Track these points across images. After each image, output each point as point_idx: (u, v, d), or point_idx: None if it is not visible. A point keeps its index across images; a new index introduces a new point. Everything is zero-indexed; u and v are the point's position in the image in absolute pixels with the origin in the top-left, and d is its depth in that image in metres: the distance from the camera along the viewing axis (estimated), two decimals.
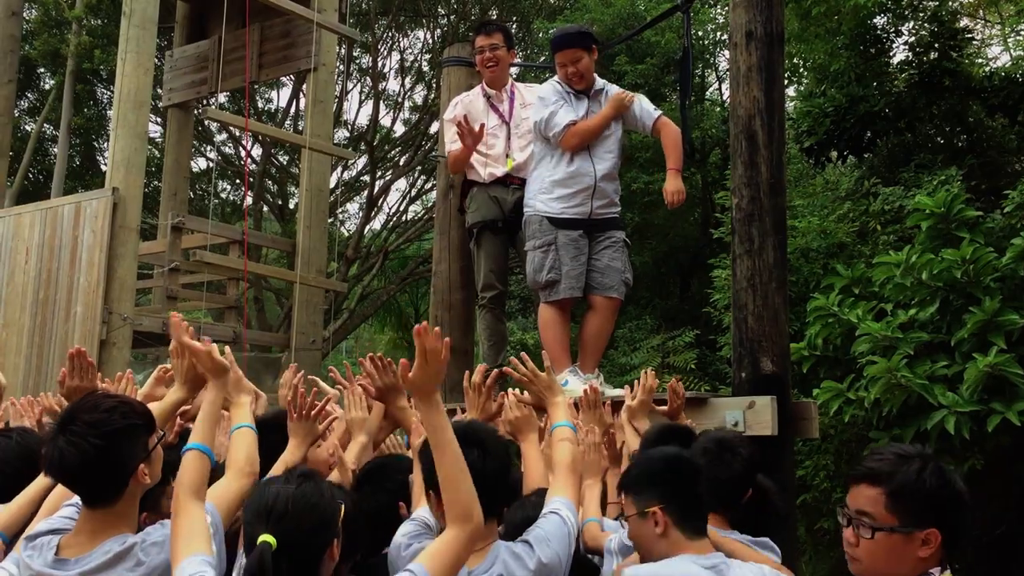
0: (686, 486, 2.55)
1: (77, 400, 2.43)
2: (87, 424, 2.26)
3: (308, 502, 2.13)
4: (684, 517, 2.51)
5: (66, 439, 2.25)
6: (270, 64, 10.49)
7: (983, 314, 5.82)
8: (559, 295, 4.97)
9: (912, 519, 2.09)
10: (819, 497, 7.23)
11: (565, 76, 5.06)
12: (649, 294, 11.69)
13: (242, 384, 2.84)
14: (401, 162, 18.26)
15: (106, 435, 2.26)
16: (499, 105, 5.60)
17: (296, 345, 9.24)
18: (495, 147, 5.54)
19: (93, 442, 2.24)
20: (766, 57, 4.58)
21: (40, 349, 8.28)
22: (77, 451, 2.23)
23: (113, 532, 2.29)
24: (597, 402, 3.45)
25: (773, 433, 4.12)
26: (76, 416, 2.29)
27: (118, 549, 2.24)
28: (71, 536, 2.32)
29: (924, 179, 7.70)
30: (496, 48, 5.51)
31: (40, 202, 9.72)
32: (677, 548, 2.48)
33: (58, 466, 2.28)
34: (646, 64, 11.31)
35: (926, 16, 9.18)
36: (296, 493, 2.13)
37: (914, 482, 2.11)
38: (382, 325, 21.92)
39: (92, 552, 2.25)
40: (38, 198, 13.04)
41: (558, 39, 5.13)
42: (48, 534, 2.34)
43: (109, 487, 2.29)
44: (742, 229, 4.52)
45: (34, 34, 14.56)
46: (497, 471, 2.50)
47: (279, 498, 2.12)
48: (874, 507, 2.13)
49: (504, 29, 5.68)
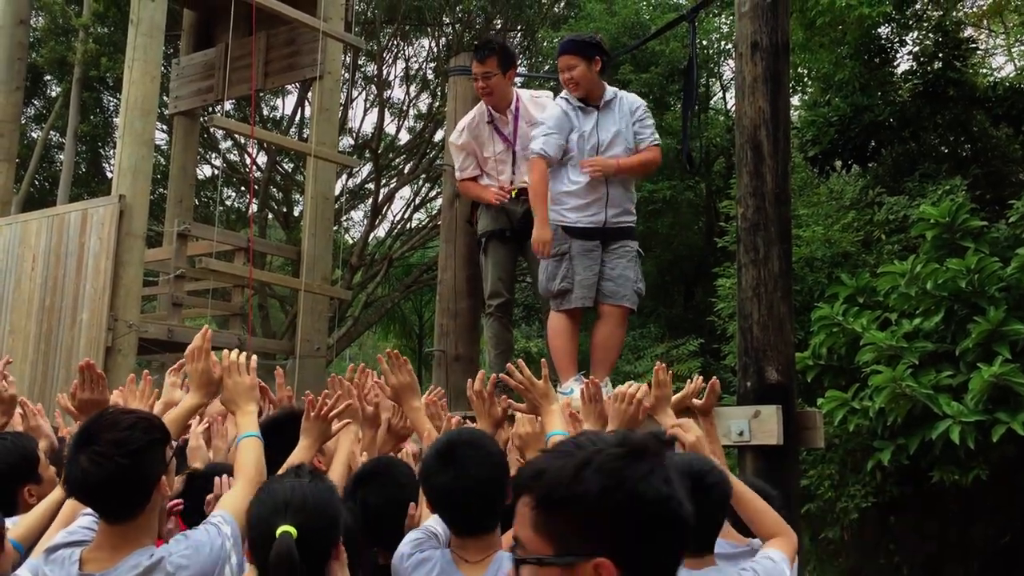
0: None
1: (94, 416, 2.39)
2: (111, 443, 2.23)
3: (323, 498, 2.17)
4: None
5: (88, 458, 2.22)
6: (276, 72, 10.54)
7: (988, 324, 5.84)
8: (571, 304, 4.98)
9: (568, 543, 1.34)
10: (823, 507, 7.23)
11: (562, 80, 5.08)
12: (653, 303, 11.70)
13: (252, 393, 2.85)
14: (405, 170, 18.30)
15: (130, 453, 2.24)
16: (504, 129, 5.59)
17: (300, 352, 9.26)
18: (503, 173, 5.58)
19: (119, 461, 2.22)
20: (772, 67, 4.60)
21: (46, 356, 8.29)
22: (102, 470, 2.21)
23: (136, 545, 2.27)
24: (598, 396, 3.33)
25: (778, 442, 4.12)
26: (97, 434, 2.26)
27: (147, 563, 2.22)
28: (92, 550, 2.28)
29: (928, 189, 7.72)
30: (489, 76, 5.43)
31: (47, 209, 9.75)
32: None
33: (81, 485, 2.25)
34: (651, 73, 11.35)
35: (930, 26, 9.20)
36: (310, 488, 2.16)
37: (567, 485, 1.35)
38: (386, 333, 21.96)
39: (117, 567, 2.23)
40: (44, 205, 13.09)
41: (560, 45, 5.16)
42: (68, 546, 2.31)
43: (132, 503, 2.27)
44: (747, 239, 4.53)
45: (41, 41, 14.61)
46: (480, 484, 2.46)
47: (295, 492, 2.14)
48: (522, 527, 1.40)
49: (499, 50, 5.52)
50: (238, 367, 2.84)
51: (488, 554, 2.46)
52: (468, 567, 2.44)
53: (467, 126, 5.65)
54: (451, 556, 2.48)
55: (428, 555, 2.47)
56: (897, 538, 7.50)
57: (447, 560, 2.46)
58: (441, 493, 2.49)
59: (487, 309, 5.74)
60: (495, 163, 5.59)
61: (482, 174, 5.68)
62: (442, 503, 2.51)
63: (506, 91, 5.54)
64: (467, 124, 5.66)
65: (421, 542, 2.53)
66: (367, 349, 29.15)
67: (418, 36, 17.73)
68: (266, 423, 2.95)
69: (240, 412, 2.80)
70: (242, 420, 2.78)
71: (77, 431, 2.37)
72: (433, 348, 6.23)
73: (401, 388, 3.38)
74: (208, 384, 2.87)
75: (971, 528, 7.07)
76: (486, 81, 5.45)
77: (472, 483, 2.45)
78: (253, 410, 2.82)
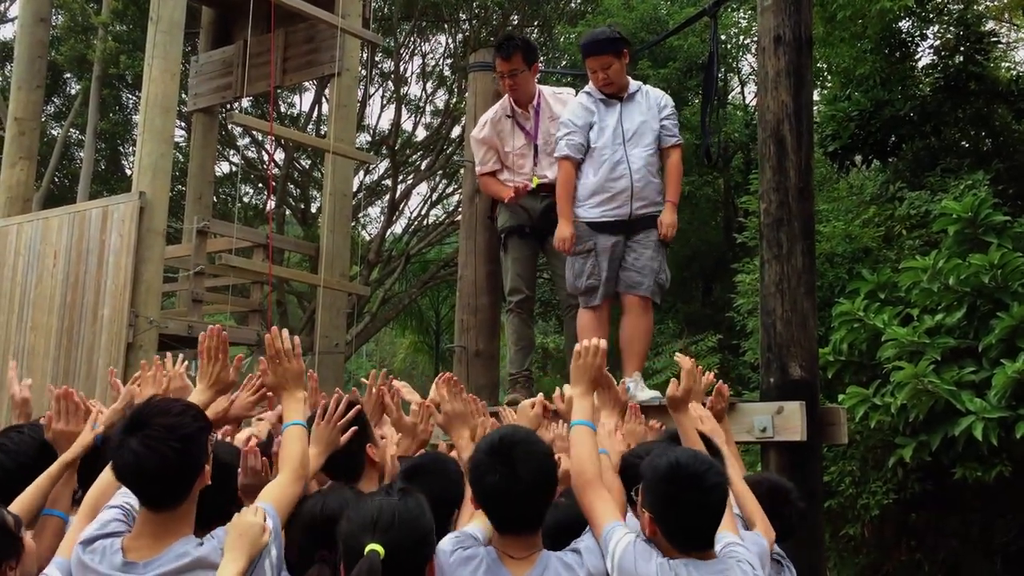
0: (676, 498, 2.44)
1: (143, 403, 2.39)
2: (164, 428, 2.24)
3: (412, 515, 2.19)
4: (670, 529, 2.47)
5: (141, 443, 2.22)
6: (294, 69, 10.56)
7: (1011, 319, 5.79)
8: (598, 300, 4.98)
9: None
10: (844, 503, 7.19)
11: (596, 82, 5.07)
12: (672, 298, 11.67)
13: (300, 380, 2.80)
14: (423, 166, 18.32)
15: (183, 438, 2.25)
16: (525, 124, 5.60)
17: (320, 348, 9.28)
18: (524, 167, 5.58)
19: (173, 446, 2.23)
20: (795, 61, 4.58)
21: (67, 352, 8.35)
22: (156, 455, 2.21)
23: (178, 535, 2.28)
24: (611, 383, 3.27)
25: (802, 439, 4.11)
26: (149, 420, 2.26)
27: (195, 553, 2.23)
28: (133, 538, 2.29)
29: (950, 184, 7.66)
30: (516, 73, 5.46)
31: (68, 206, 9.81)
32: (670, 552, 2.46)
33: (134, 470, 2.24)
34: (669, 68, 11.31)
35: (951, 20, 9.12)
36: (400, 506, 2.19)
37: None
38: (403, 329, 21.98)
39: (162, 555, 2.23)
40: (64, 202, 13.18)
41: (589, 45, 5.11)
42: (106, 537, 2.30)
43: (178, 491, 2.28)
44: (770, 234, 4.51)
45: (60, 39, 14.70)
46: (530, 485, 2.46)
47: (384, 510, 2.17)
48: None
49: (523, 47, 5.55)
50: (286, 353, 2.77)
51: (532, 552, 2.47)
52: (514, 564, 2.44)
53: (489, 120, 5.67)
54: (496, 553, 2.47)
55: (472, 552, 2.45)
56: (918, 535, 7.45)
57: (492, 557, 2.45)
58: (491, 491, 2.48)
59: (507, 305, 5.74)
60: (516, 157, 5.60)
61: (503, 168, 5.68)
62: (491, 501, 2.50)
63: (531, 86, 5.58)
64: (489, 118, 5.67)
65: (463, 539, 2.51)
66: (384, 345, 29.21)
67: (435, 32, 17.75)
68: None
69: (289, 397, 2.75)
70: (290, 406, 2.73)
71: (128, 417, 2.35)
72: (453, 344, 6.24)
73: (455, 416, 3.27)
74: (216, 383, 2.86)
75: (993, 525, 7.02)
76: (512, 78, 5.48)
77: (523, 483, 2.45)
78: (302, 396, 2.76)
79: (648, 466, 2.55)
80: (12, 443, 2.88)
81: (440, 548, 2.47)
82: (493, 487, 2.46)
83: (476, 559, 2.43)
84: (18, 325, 8.76)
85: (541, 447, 2.59)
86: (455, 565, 2.41)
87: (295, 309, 18.26)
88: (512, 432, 2.63)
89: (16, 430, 2.99)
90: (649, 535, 2.49)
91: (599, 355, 2.97)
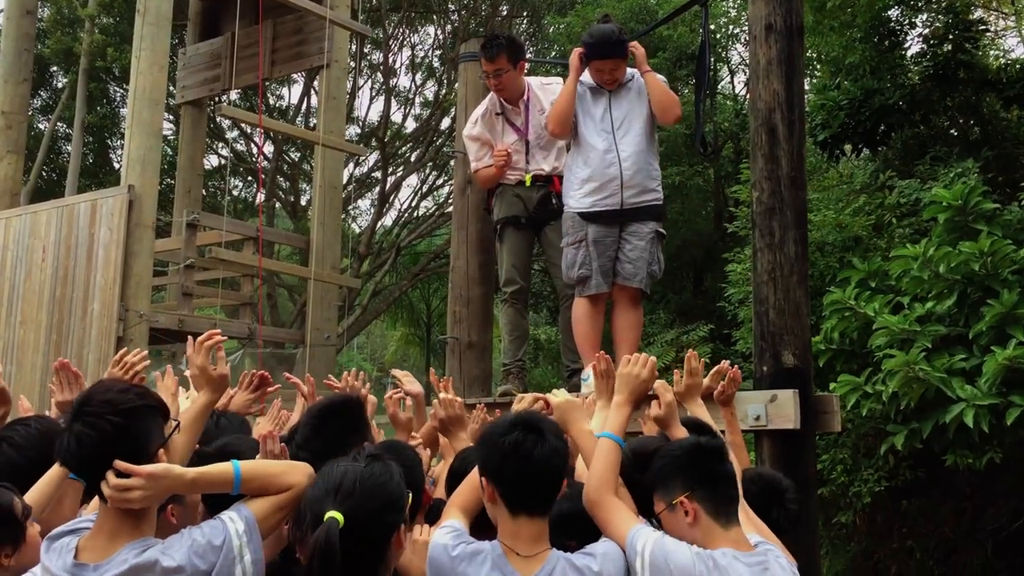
0: (710, 470, 2.49)
1: (87, 389, 2.27)
2: (103, 403, 2.10)
3: (377, 481, 2.08)
4: (713, 503, 2.46)
5: (82, 422, 2.08)
6: (283, 61, 10.53)
7: (1001, 307, 5.80)
8: (591, 291, 4.99)
9: None
10: (836, 491, 7.21)
11: (600, 79, 5.06)
12: (663, 289, 11.67)
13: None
14: (412, 158, 18.28)
15: (123, 412, 2.09)
16: (515, 120, 5.60)
17: (311, 341, 9.27)
18: (517, 163, 5.58)
19: (112, 419, 2.08)
20: (786, 50, 4.57)
21: (57, 347, 8.32)
22: (95, 431, 2.07)
23: (134, 534, 2.11)
24: (610, 371, 3.17)
25: (796, 427, 4.12)
26: (90, 399, 2.13)
27: (134, 561, 2.05)
28: (88, 538, 2.13)
29: (940, 172, 7.67)
30: (500, 73, 5.43)
31: (56, 200, 9.76)
32: (712, 538, 2.43)
33: (76, 451, 2.09)
34: (659, 58, 11.28)
35: (940, 8, 9.13)
36: (365, 472, 2.09)
37: None
38: (394, 321, 21.99)
39: (111, 559, 2.06)
40: (52, 196, 13.11)
41: (598, 47, 5.02)
42: (71, 534, 2.17)
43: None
44: (763, 223, 4.51)
45: (47, 32, 14.62)
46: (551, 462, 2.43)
47: (347, 476, 2.07)
48: None
49: (507, 46, 5.47)
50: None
51: (540, 550, 2.38)
52: (521, 561, 2.35)
53: (479, 117, 5.66)
54: (501, 548, 2.38)
55: (477, 547, 2.37)
56: (910, 522, 7.49)
57: (498, 553, 2.37)
58: (514, 453, 2.39)
59: (502, 296, 5.74)
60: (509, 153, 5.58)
61: None
62: (513, 466, 2.40)
63: (518, 84, 5.55)
64: (480, 115, 5.67)
65: (460, 533, 2.44)
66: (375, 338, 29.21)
67: (424, 23, 17.70)
68: (323, 408, 2.84)
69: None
70: None
71: (73, 403, 2.21)
72: (446, 336, 6.23)
73: (451, 421, 3.37)
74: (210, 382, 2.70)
75: (985, 512, 7.05)
76: (498, 79, 5.45)
77: (549, 446, 2.41)
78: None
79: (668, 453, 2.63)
80: (19, 437, 2.87)
81: (435, 543, 2.40)
82: (515, 448, 2.39)
83: (481, 554, 2.35)
84: (7, 320, 8.73)
85: (560, 429, 2.59)
86: (459, 560, 2.33)
87: (285, 302, 18.23)
88: (533, 412, 2.65)
89: (23, 423, 2.97)
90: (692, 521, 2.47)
91: (651, 370, 2.93)
